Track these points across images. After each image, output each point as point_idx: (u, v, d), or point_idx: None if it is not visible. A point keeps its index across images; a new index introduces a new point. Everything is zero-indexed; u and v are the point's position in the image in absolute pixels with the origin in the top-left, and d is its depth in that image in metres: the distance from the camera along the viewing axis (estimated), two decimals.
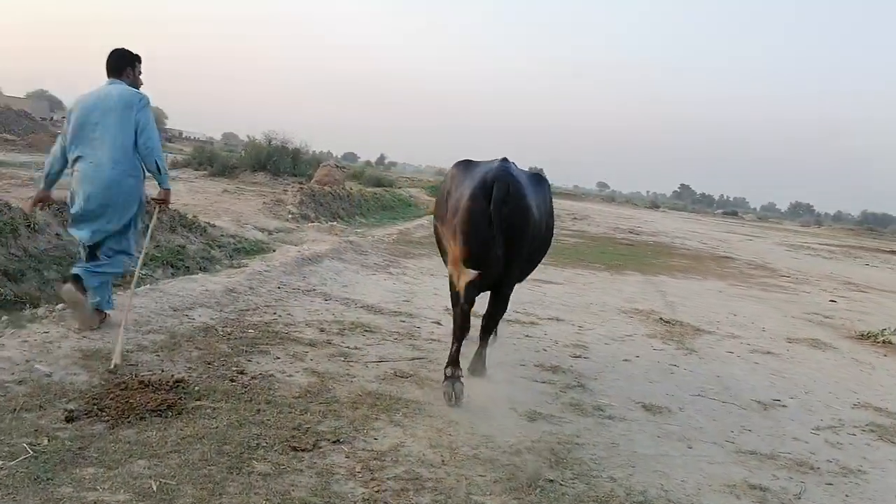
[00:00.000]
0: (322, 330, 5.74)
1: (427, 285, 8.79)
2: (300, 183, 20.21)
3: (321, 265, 8.92)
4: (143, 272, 7.86)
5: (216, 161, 27.96)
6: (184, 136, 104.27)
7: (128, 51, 4.96)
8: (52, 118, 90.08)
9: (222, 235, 10.39)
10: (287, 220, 14.46)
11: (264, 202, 15.27)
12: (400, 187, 32.81)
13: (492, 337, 5.34)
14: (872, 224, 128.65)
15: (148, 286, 6.15)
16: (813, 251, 31.13)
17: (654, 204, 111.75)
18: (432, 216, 5.71)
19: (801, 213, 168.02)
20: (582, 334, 7.03)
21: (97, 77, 5.00)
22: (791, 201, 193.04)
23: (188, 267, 8.49)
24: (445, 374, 4.51)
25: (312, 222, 14.83)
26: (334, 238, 11.96)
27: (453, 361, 4.53)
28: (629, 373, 5.80)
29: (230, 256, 9.68)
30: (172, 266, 8.28)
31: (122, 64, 4.89)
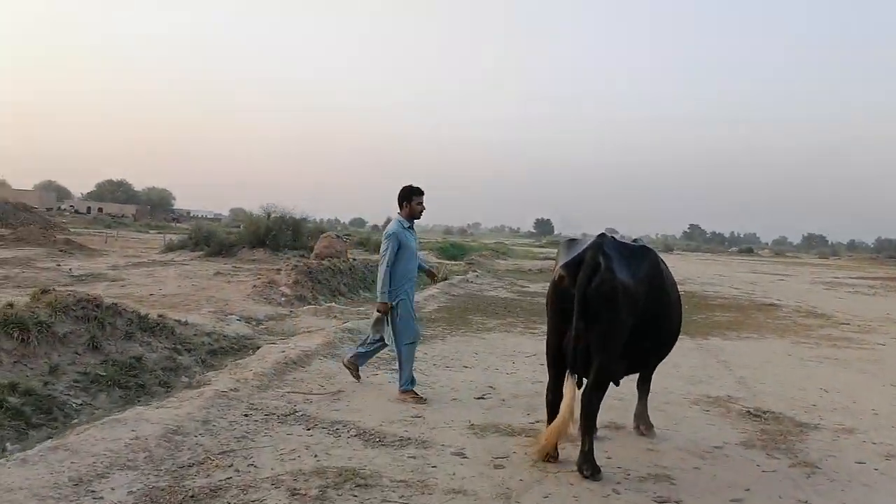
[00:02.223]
0: (295, 494, 3.95)
1: (443, 382, 7.01)
2: (298, 258, 18.56)
3: (310, 368, 7.17)
4: (78, 400, 6.19)
5: (213, 240, 26.49)
6: (191, 214, 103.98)
7: (405, 188, 6.54)
8: (59, 207, 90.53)
9: (195, 334, 8.70)
10: (280, 304, 12.77)
11: (254, 285, 13.61)
12: None
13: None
14: (889, 251, 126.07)
15: (49, 443, 4.38)
16: (851, 287, 29.11)
17: (667, 247, 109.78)
18: (447, 280, 5.21)
19: (815, 245, 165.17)
20: (657, 451, 5.19)
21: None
22: (803, 233, 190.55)
23: (143, 385, 6.79)
24: None
25: (309, 304, 13.13)
26: (331, 326, 10.22)
27: None
28: None
29: (202, 362, 7.97)
30: (121, 387, 6.56)
31: (399, 199, 6.54)
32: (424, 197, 6.54)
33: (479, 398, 6.51)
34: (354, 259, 20.60)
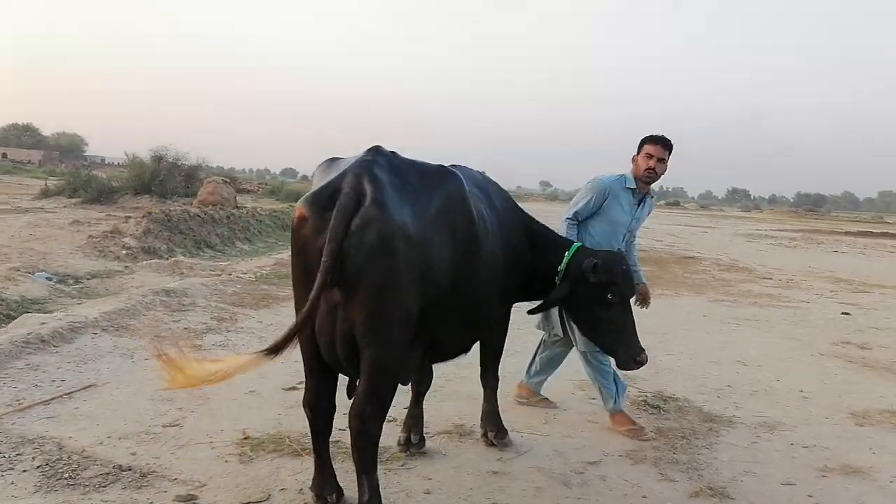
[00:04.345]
0: None
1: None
2: (165, 204, 16.30)
3: (65, 349, 5.24)
4: None
5: (92, 185, 23.68)
6: (107, 161, 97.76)
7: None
8: None
9: None
10: (119, 257, 10.65)
11: (90, 235, 11.41)
12: None
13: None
14: (807, 205, 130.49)
15: None
16: (773, 240, 28.57)
17: None
18: None
19: (739, 199, 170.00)
20: (502, 475, 3.55)
21: None
22: (728, 187, 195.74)
23: None
24: None
25: (161, 257, 11.05)
26: (162, 282, 8.25)
27: None
28: None
29: None
30: None
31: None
32: (669, 154, 4.27)
33: (289, 389, 4.75)
34: (243, 207, 18.44)
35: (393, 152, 2.81)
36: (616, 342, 3.62)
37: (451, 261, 2.72)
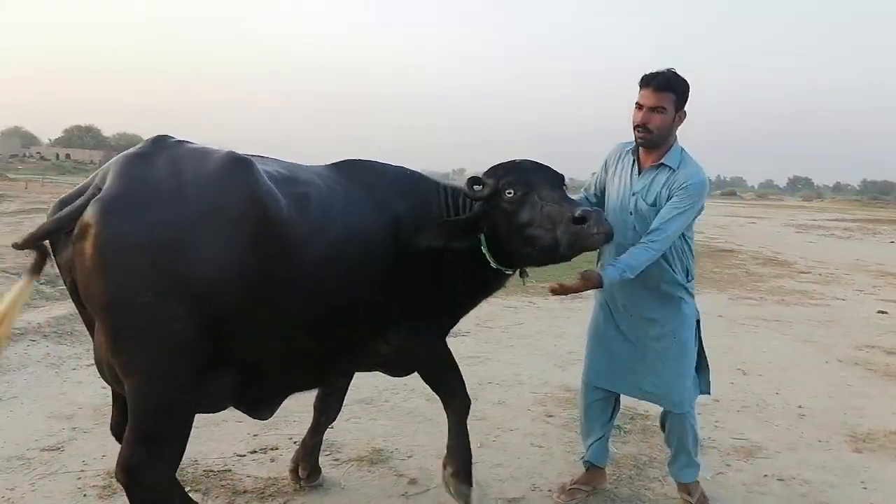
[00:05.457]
0: None
1: None
2: None
3: None
4: None
5: None
6: None
7: None
8: (24, 154, 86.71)
9: None
10: None
11: None
12: None
13: None
14: (874, 192, 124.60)
15: None
16: (826, 230, 27.03)
17: None
18: None
19: (801, 188, 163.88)
20: None
21: None
22: (789, 176, 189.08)
23: None
24: None
25: None
26: None
27: None
28: None
29: None
30: None
31: None
32: (673, 99, 2.96)
33: None
34: None
35: (180, 141, 2.33)
36: (551, 234, 2.55)
37: (237, 269, 2.18)
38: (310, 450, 3.29)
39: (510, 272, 2.91)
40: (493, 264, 2.81)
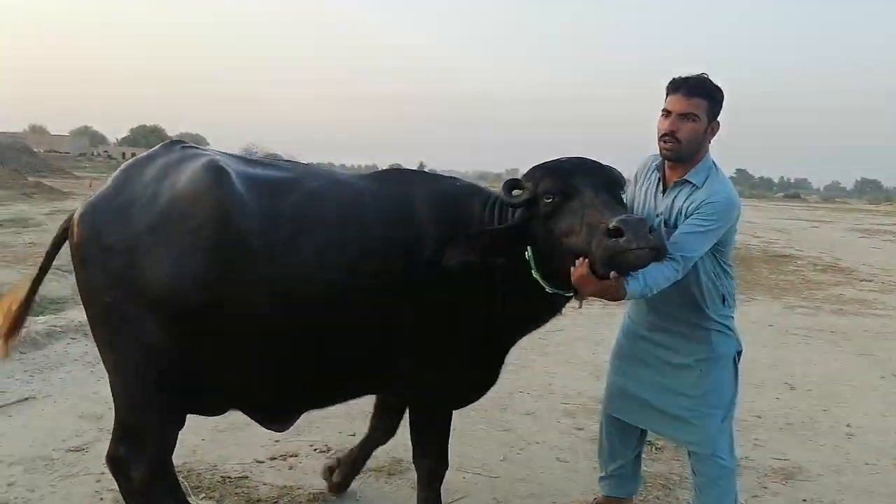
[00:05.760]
0: None
1: None
2: None
3: (33, 355, 5.11)
4: None
5: None
6: None
7: None
8: (92, 153, 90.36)
9: None
10: None
11: None
12: None
13: None
14: None
15: None
16: (893, 235, 25.87)
17: None
18: None
19: (869, 190, 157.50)
20: None
21: None
22: (856, 178, 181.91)
23: None
24: None
25: None
26: None
27: None
28: None
29: None
30: None
31: None
32: (705, 106, 2.61)
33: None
34: None
35: (186, 147, 2.37)
36: (586, 250, 2.18)
37: (196, 277, 2.13)
38: (355, 459, 3.22)
39: (569, 294, 2.44)
40: (547, 288, 2.40)
